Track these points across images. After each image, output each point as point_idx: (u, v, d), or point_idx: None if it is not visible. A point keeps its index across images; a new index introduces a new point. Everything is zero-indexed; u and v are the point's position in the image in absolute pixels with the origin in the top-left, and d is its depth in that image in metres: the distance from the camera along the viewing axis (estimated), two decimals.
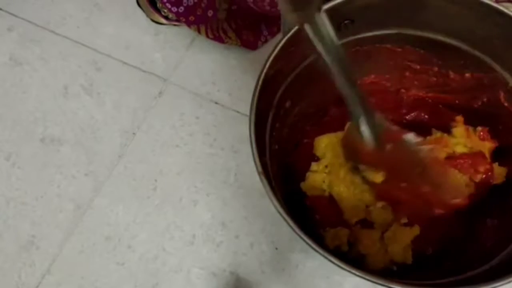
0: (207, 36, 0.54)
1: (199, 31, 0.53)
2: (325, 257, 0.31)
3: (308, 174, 0.44)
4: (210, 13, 0.52)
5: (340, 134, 0.45)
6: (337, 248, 0.42)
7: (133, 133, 0.54)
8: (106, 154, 0.53)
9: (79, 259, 0.49)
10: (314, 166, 0.44)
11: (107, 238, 0.50)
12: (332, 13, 0.36)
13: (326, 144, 0.45)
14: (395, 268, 0.42)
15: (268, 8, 0.51)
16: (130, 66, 0.57)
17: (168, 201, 0.51)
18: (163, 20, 0.57)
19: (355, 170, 0.40)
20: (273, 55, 0.36)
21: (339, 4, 0.36)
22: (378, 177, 0.39)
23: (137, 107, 0.55)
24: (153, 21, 0.57)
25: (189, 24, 0.52)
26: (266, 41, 0.56)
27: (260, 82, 0.35)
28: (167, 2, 0.50)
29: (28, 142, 0.54)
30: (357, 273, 0.31)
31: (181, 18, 0.51)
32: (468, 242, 0.43)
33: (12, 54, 0.58)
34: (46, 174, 0.52)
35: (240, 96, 0.55)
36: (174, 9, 0.50)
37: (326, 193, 0.44)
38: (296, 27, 0.36)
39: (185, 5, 0.50)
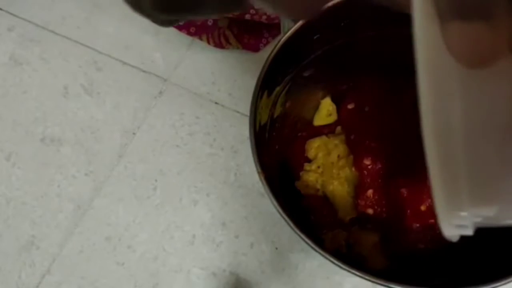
0: (208, 43, 0.54)
1: (200, 39, 0.53)
2: (325, 257, 0.31)
3: (301, 173, 0.44)
4: (210, 22, 0.52)
5: (331, 136, 0.45)
6: (336, 251, 0.42)
7: (133, 133, 0.54)
8: (106, 154, 0.53)
9: (79, 259, 0.49)
10: (307, 166, 0.44)
11: (107, 238, 0.50)
12: (332, 13, 0.37)
13: (318, 145, 0.45)
14: (395, 268, 0.42)
15: (266, 22, 0.51)
16: (130, 66, 0.57)
17: (168, 201, 0.51)
18: None
19: None
20: (272, 55, 0.36)
21: (339, 4, 0.36)
22: None
23: (137, 107, 0.55)
24: None
25: (190, 35, 0.52)
26: (267, 43, 0.56)
27: (260, 82, 0.35)
28: None
29: (28, 142, 0.54)
30: (357, 273, 0.31)
31: (182, 30, 0.51)
32: (467, 242, 0.42)
33: (12, 54, 0.58)
34: (46, 174, 0.52)
35: (240, 96, 0.55)
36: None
37: (320, 193, 0.44)
38: (296, 27, 0.36)
39: None
